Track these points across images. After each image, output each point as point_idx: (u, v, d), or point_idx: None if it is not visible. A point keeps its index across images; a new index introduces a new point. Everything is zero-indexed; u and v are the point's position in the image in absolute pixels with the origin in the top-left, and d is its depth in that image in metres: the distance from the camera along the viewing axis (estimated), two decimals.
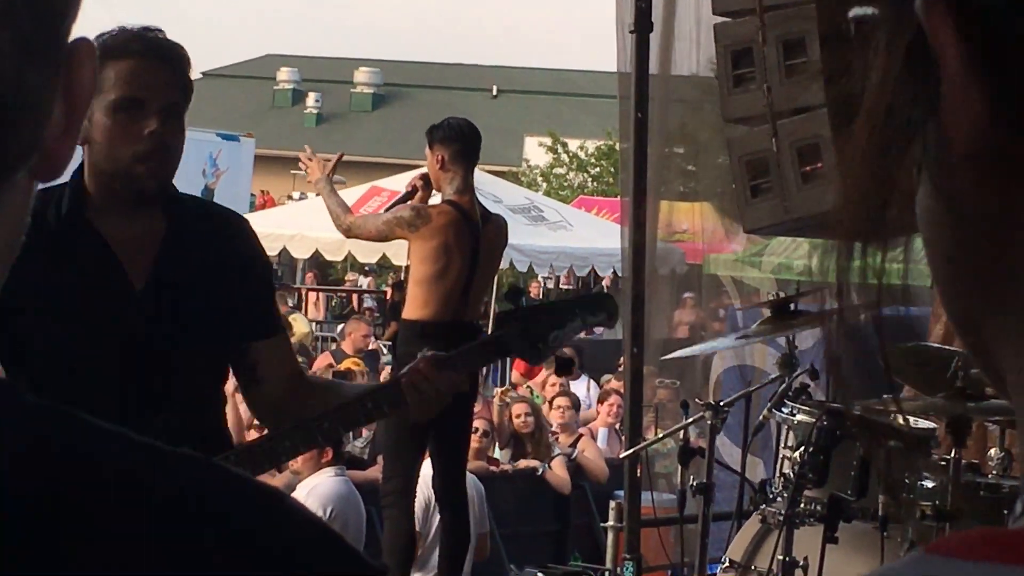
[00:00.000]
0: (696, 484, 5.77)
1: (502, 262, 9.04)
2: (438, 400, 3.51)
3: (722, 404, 5.84)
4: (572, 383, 12.52)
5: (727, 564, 5.55)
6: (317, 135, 40.57)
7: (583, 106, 40.73)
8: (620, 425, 10.21)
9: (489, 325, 11.00)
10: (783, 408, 5.47)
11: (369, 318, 18.35)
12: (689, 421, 6.09)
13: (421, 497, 7.46)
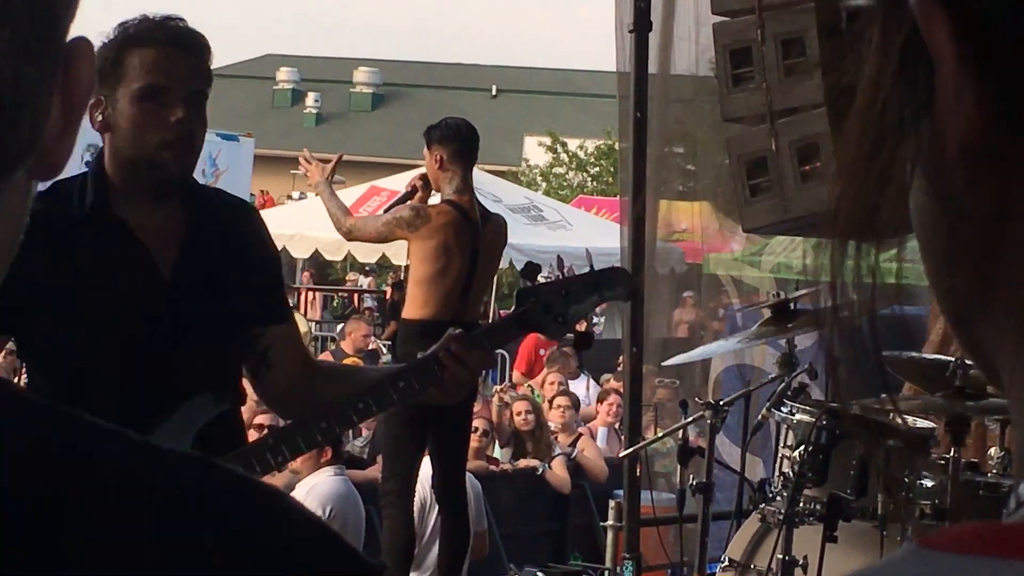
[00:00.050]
0: (695, 483, 5.76)
1: (502, 262, 9.03)
2: (471, 378, 3.60)
3: (721, 403, 5.84)
4: (572, 383, 12.52)
5: (726, 563, 5.55)
6: (316, 135, 40.56)
7: (582, 106, 40.70)
8: (619, 424, 10.21)
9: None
10: (782, 407, 5.47)
11: (369, 318, 18.34)
12: (688, 420, 6.09)
13: (417, 497, 7.45)
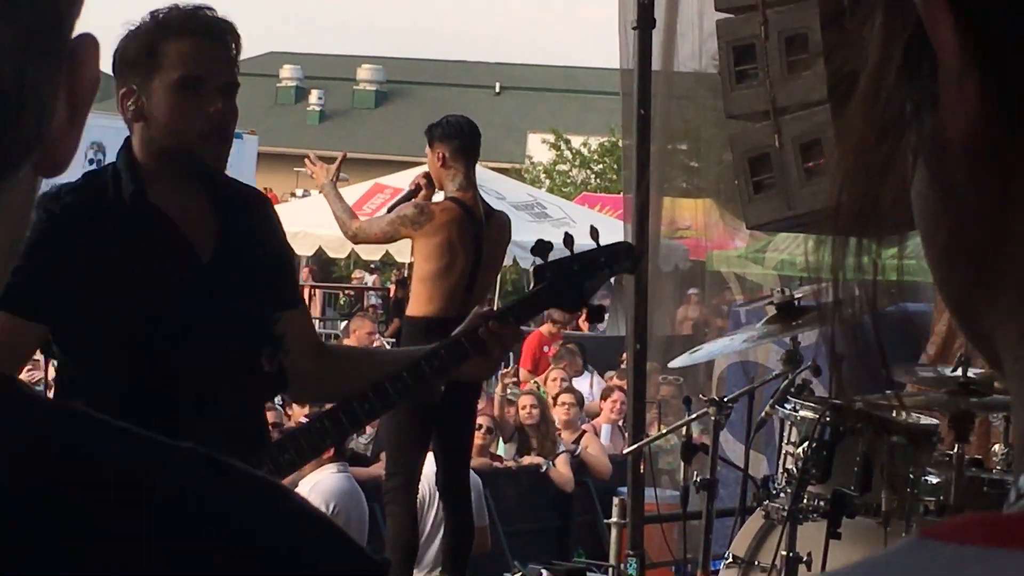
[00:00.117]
0: (699, 480, 5.76)
1: (506, 259, 9.03)
2: (502, 355, 3.73)
3: (725, 400, 5.84)
4: (576, 380, 12.52)
5: (730, 560, 5.55)
6: (320, 133, 40.60)
7: (586, 103, 40.69)
8: (623, 421, 10.21)
9: None
10: (786, 404, 5.46)
11: (373, 315, 18.34)
12: (692, 417, 6.09)
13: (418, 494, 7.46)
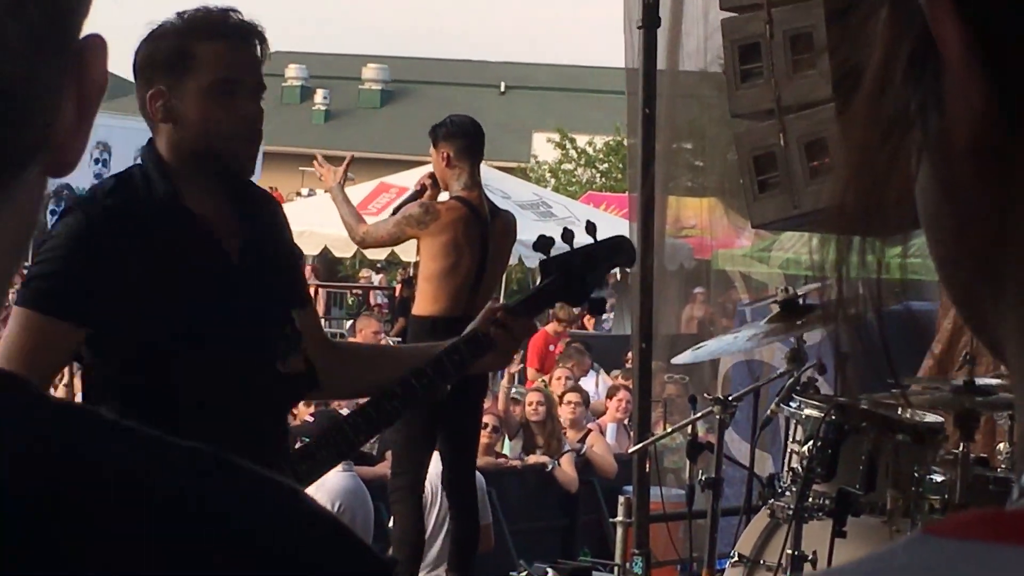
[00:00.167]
0: (705, 479, 5.76)
1: (511, 258, 9.03)
2: (516, 347, 3.84)
3: (730, 399, 5.84)
4: (581, 379, 12.52)
5: (736, 559, 5.55)
6: (325, 132, 40.59)
7: (591, 102, 40.65)
8: (629, 420, 10.21)
9: None
10: (791, 403, 5.46)
11: (379, 314, 18.34)
12: (697, 416, 6.09)
13: None
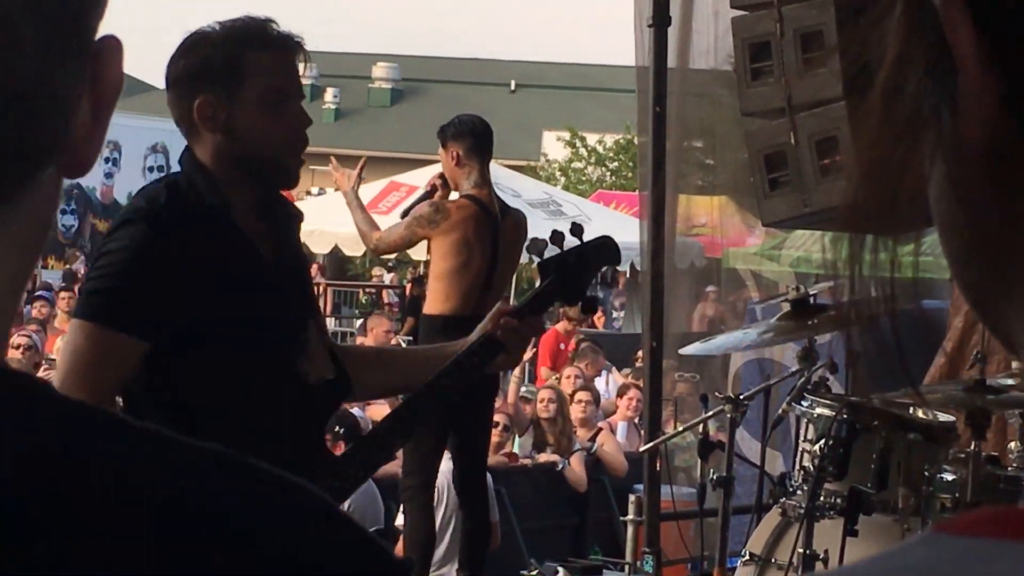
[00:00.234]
0: (716, 478, 5.76)
1: (522, 256, 9.03)
2: (526, 347, 4.00)
3: (741, 397, 5.83)
4: (594, 378, 12.52)
5: (747, 557, 5.54)
6: (335, 131, 40.59)
7: (601, 100, 40.63)
8: (639, 419, 10.20)
9: None
10: (802, 401, 5.46)
11: (390, 313, 18.35)
12: (708, 415, 6.09)
13: None
